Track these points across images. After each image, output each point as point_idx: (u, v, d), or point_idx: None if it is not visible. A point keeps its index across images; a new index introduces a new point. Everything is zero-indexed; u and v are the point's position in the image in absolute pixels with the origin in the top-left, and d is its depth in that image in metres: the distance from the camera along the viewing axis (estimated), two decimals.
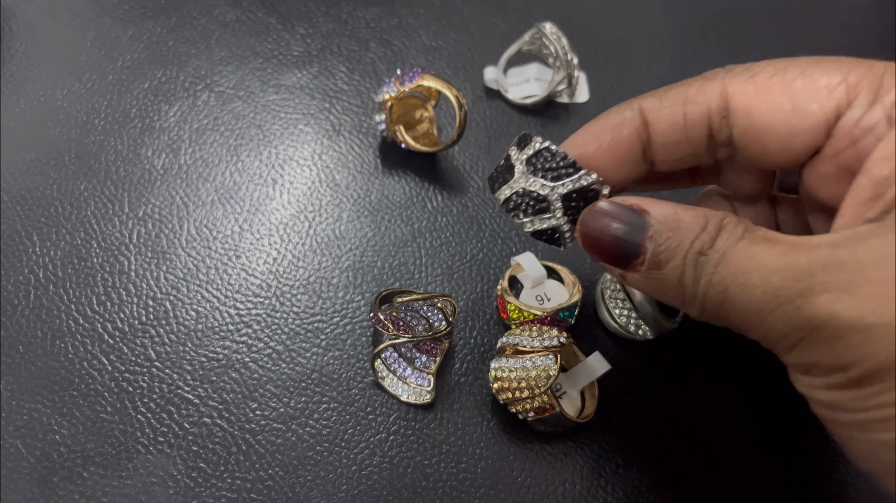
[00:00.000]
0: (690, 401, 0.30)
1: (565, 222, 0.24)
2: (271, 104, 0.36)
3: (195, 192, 0.33)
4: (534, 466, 0.28)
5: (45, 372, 0.28)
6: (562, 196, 0.24)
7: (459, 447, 0.28)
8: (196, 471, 0.26)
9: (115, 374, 0.28)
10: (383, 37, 0.39)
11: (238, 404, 0.28)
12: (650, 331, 0.30)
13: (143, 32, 0.37)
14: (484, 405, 0.29)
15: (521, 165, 0.24)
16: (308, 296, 0.30)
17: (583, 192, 0.24)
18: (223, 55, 0.37)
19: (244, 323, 0.30)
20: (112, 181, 0.32)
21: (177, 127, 0.34)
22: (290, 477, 0.27)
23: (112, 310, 0.29)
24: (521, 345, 0.26)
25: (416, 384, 0.28)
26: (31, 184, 0.32)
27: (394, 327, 0.28)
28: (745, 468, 0.28)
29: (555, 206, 0.24)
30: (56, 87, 0.35)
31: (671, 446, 0.29)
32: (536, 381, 0.25)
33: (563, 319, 0.29)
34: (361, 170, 0.34)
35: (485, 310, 0.31)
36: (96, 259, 0.30)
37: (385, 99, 0.32)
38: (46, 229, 0.31)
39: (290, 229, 0.32)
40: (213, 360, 0.29)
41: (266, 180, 0.33)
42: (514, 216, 0.25)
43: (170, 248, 0.31)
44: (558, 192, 0.24)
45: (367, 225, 0.33)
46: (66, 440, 0.27)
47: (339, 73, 0.37)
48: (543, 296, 0.30)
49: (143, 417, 0.27)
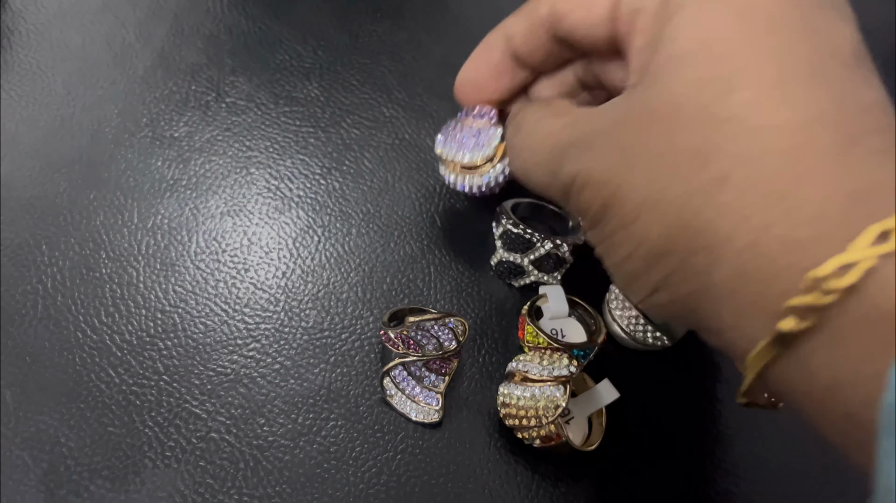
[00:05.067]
0: (701, 419, 0.30)
1: (542, 277, 0.31)
2: (282, 116, 0.36)
3: (205, 204, 0.33)
4: (540, 488, 0.28)
5: (52, 383, 0.28)
6: (531, 261, 0.31)
7: (467, 467, 0.28)
8: (203, 487, 0.26)
9: (122, 387, 0.28)
10: (394, 50, 0.39)
11: (246, 419, 0.28)
12: (666, 339, 0.30)
13: (155, 41, 0.37)
14: (492, 426, 0.29)
15: (498, 241, 0.31)
16: (317, 312, 0.30)
17: (547, 256, 0.30)
18: (234, 65, 0.37)
19: (252, 337, 0.30)
20: (122, 191, 0.32)
21: (187, 137, 0.34)
22: (297, 494, 0.27)
23: (120, 321, 0.29)
24: (530, 374, 0.26)
25: (424, 403, 0.28)
26: (40, 192, 0.32)
27: (404, 346, 0.28)
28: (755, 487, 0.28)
29: (528, 269, 0.31)
30: (66, 94, 0.35)
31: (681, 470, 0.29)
32: (545, 412, 0.25)
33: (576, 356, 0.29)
34: (371, 185, 0.34)
35: (494, 330, 0.31)
36: (105, 269, 0.30)
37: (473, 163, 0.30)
38: (55, 238, 0.31)
39: (299, 244, 0.32)
40: (222, 375, 0.29)
41: (275, 193, 0.33)
42: (503, 278, 0.32)
43: (178, 260, 0.31)
44: (528, 259, 0.31)
45: (377, 240, 0.33)
46: (73, 453, 0.27)
47: (350, 87, 0.37)
48: (559, 331, 0.30)
49: (151, 431, 0.27)
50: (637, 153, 0.20)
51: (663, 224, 0.19)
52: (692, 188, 0.18)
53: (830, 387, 0.16)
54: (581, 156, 0.22)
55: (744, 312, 0.18)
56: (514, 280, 0.32)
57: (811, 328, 0.16)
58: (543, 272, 0.31)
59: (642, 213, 0.20)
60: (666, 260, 0.19)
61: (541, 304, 0.30)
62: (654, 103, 0.20)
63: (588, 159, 0.21)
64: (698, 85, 0.19)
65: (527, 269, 0.31)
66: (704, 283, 0.19)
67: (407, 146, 0.36)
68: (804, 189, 0.17)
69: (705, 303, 0.19)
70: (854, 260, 0.15)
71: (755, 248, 0.17)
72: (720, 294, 0.18)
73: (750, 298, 0.18)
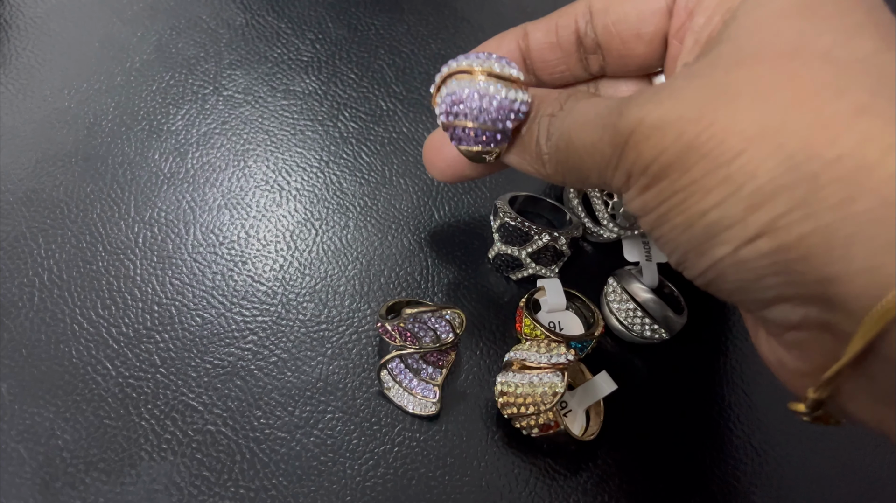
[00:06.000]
0: (699, 410, 0.30)
1: (540, 270, 0.31)
2: (279, 109, 0.36)
3: (202, 197, 0.32)
4: (538, 481, 0.28)
5: (48, 376, 0.28)
6: (529, 254, 0.31)
7: (464, 460, 0.28)
8: (199, 479, 0.26)
9: (119, 380, 0.28)
10: (392, 44, 0.39)
11: (243, 412, 0.28)
12: (664, 332, 0.30)
13: (152, 34, 0.37)
14: (489, 418, 0.29)
15: (496, 234, 0.31)
16: (314, 305, 0.30)
17: (544, 248, 0.30)
18: (232, 59, 0.37)
19: (250, 330, 0.30)
20: (119, 184, 0.32)
21: (184, 130, 0.34)
22: (293, 486, 0.27)
23: (117, 314, 0.29)
24: (528, 361, 0.26)
25: (421, 395, 0.28)
26: (37, 185, 0.32)
27: (401, 338, 0.28)
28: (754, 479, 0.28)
29: (526, 262, 0.31)
30: (63, 87, 0.34)
31: (678, 461, 0.29)
32: (542, 398, 0.25)
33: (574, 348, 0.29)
34: (369, 178, 0.34)
35: (491, 323, 0.31)
36: (101, 262, 0.30)
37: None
38: (52, 231, 0.31)
39: (296, 236, 0.32)
40: (219, 367, 0.29)
41: (273, 186, 0.33)
42: (501, 271, 0.32)
43: (176, 253, 0.31)
44: (525, 253, 0.30)
45: (374, 234, 0.33)
46: (68, 445, 0.26)
47: (348, 80, 0.37)
48: (557, 324, 0.30)
49: (147, 424, 0.27)
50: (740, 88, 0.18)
51: (781, 156, 0.17)
52: (825, 117, 0.17)
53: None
54: (651, 99, 0.19)
55: (886, 249, 0.16)
56: (511, 273, 0.32)
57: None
58: (541, 265, 0.31)
59: (750, 147, 0.17)
60: (781, 197, 0.17)
61: (538, 297, 0.30)
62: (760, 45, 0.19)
63: (663, 100, 0.19)
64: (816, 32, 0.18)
65: (524, 262, 0.31)
66: (836, 218, 0.16)
67: (405, 139, 0.36)
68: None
69: (829, 244, 0.17)
70: None
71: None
72: (857, 229, 0.16)
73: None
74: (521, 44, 0.26)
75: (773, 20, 0.19)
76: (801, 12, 0.19)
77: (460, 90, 0.23)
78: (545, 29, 0.26)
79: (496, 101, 0.23)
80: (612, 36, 0.24)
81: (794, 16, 0.19)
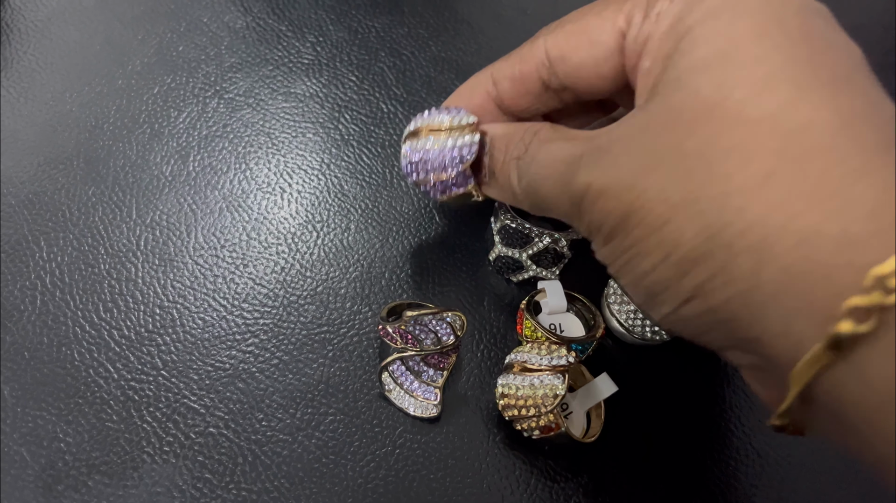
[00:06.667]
0: (699, 411, 0.30)
1: (540, 272, 0.31)
2: (280, 112, 0.36)
3: (203, 200, 0.33)
4: (539, 483, 0.28)
5: (50, 379, 0.28)
6: (530, 256, 0.31)
7: (465, 462, 0.28)
8: (202, 482, 0.26)
9: (121, 383, 0.28)
10: (393, 46, 0.39)
11: (244, 414, 0.28)
12: (665, 333, 0.30)
13: (153, 37, 0.37)
14: (490, 420, 0.29)
15: (496, 236, 0.31)
16: (315, 307, 0.30)
17: (545, 250, 0.30)
18: (233, 62, 0.37)
19: (251, 332, 0.30)
20: (120, 187, 0.32)
21: (185, 133, 0.34)
22: (295, 489, 0.27)
23: (119, 317, 0.29)
24: (529, 363, 0.26)
25: (422, 398, 0.28)
26: (39, 188, 0.32)
27: (402, 340, 0.28)
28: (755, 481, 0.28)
29: (527, 264, 0.31)
30: (65, 90, 0.35)
31: (679, 462, 0.29)
32: (543, 401, 0.25)
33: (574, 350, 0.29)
34: (370, 180, 0.34)
35: (492, 325, 0.31)
36: (103, 265, 0.30)
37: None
38: (54, 234, 0.31)
39: (298, 239, 0.32)
40: (220, 370, 0.29)
41: (274, 189, 0.33)
42: (502, 273, 0.32)
43: (177, 256, 0.31)
44: (526, 255, 0.31)
45: (375, 236, 0.33)
46: (71, 448, 0.27)
47: (349, 83, 0.37)
48: (557, 325, 0.30)
49: (149, 426, 0.27)
50: (664, 156, 0.19)
51: (700, 225, 0.18)
52: (734, 186, 0.17)
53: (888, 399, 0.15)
54: (597, 163, 0.21)
55: (794, 316, 0.17)
56: (512, 275, 0.32)
57: (870, 332, 0.15)
58: (542, 267, 0.31)
59: (675, 216, 0.18)
60: (703, 264, 0.18)
61: (539, 299, 0.30)
62: (681, 107, 0.19)
63: (605, 166, 0.20)
64: (728, 87, 0.18)
65: (525, 264, 0.31)
66: (748, 286, 0.17)
67: None
68: (856, 186, 0.16)
69: (747, 309, 0.18)
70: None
71: (807, 245, 0.16)
72: (767, 297, 0.17)
73: (801, 300, 0.16)
74: (492, 91, 0.27)
75: (696, 74, 0.19)
76: (721, 61, 0.19)
77: (409, 152, 0.27)
78: (510, 78, 0.26)
79: (436, 154, 0.26)
80: (576, 79, 0.25)
81: (715, 66, 0.19)
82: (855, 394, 0.16)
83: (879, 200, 0.16)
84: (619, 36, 0.23)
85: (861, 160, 0.17)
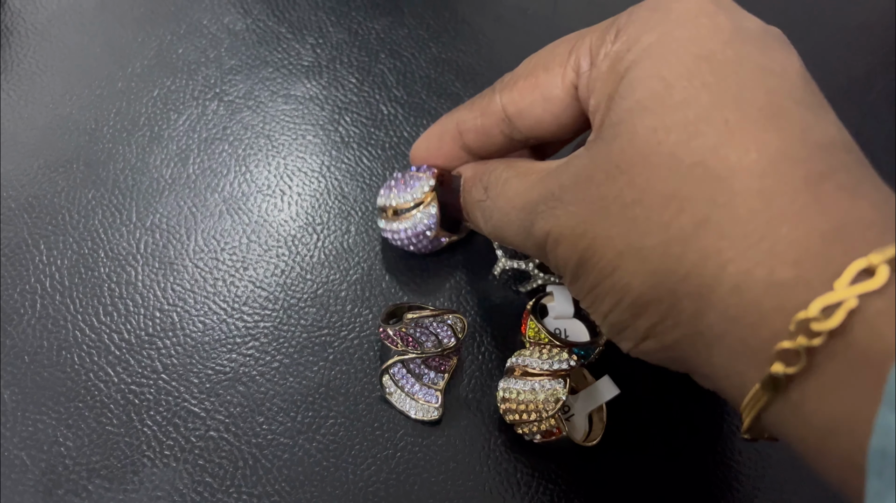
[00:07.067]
0: (701, 414, 0.30)
1: (549, 279, 0.31)
2: (280, 114, 0.36)
3: (203, 203, 0.32)
4: (541, 486, 0.28)
5: (50, 382, 0.28)
6: (536, 265, 0.31)
7: (466, 465, 0.28)
8: (202, 486, 0.26)
9: (121, 386, 0.28)
10: (393, 48, 0.39)
11: (245, 418, 0.28)
12: None
13: (153, 40, 0.37)
14: (492, 423, 0.29)
15: (499, 250, 0.31)
16: (316, 310, 0.30)
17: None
18: (233, 64, 0.37)
19: (251, 335, 0.30)
20: (120, 190, 0.32)
21: (185, 136, 0.34)
22: (296, 492, 0.27)
23: (119, 320, 0.29)
24: (530, 367, 0.26)
25: (423, 400, 0.28)
26: (39, 191, 0.32)
27: (402, 343, 0.28)
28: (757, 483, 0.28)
29: (534, 273, 0.31)
30: (65, 93, 0.35)
31: (680, 465, 0.29)
32: (544, 405, 0.25)
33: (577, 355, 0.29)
34: (370, 182, 0.34)
35: (493, 327, 0.31)
36: (103, 269, 0.30)
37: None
38: (53, 238, 0.31)
39: (298, 241, 0.32)
40: (220, 373, 0.29)
41: (274, 191, 0.33)
42: (508, 285, 0.32)
43: (177, 259, 0.31)
44: (533, 264, 0.31)
45: (376, 238, 0.33)
46: (71, 452, 0.27)
47: (349, 85, 0.37)
48: (563, 331, 0.30)
49: (150, 430, 0.27)
50: (608, 204, 0.20)
51: (645, 272, 0.19)
52: (671, 234, 0.18)
53: (825, 432, 0.16)
54: (551, 212, 0.21)
55: (734, 357, 0.18)
56: (520, 286, 0.32)
57: (802, 372, 0.16)
58: (549, 274, 0.31)
59: (622, 264, 0.19)
60: (652, 308, 0.19)
61: (546, 303, 0.30)
62: (619, 154, 0.20)
63: (559, 215, 0.21)
64: (661, 132, 0.19)
65: (532, 273, 0.31)
66: (693, 330, 0.18)
67: (406, 144, 0.35)
68: (781, 230, 0.17)
69: (695, 349, 0.19)
70: (837, 300, 0.15)
71: (740, 291, 0.17)
72: (709, 340, 0.18)
73: (739, 343, 0.17)
74: (458, 140, 0.27)
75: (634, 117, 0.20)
76: (656, 104, 0.19)
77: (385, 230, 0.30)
78: (474, 130, 0.26)
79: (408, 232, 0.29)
80: (538, 131, 0.25)
81: (651, 109, 0.19)
82: (798, 428, 0.17)
83: (801, 243, 0.16)
84: (571, 87, 0.23)
85: (785, 201, 0.17)
